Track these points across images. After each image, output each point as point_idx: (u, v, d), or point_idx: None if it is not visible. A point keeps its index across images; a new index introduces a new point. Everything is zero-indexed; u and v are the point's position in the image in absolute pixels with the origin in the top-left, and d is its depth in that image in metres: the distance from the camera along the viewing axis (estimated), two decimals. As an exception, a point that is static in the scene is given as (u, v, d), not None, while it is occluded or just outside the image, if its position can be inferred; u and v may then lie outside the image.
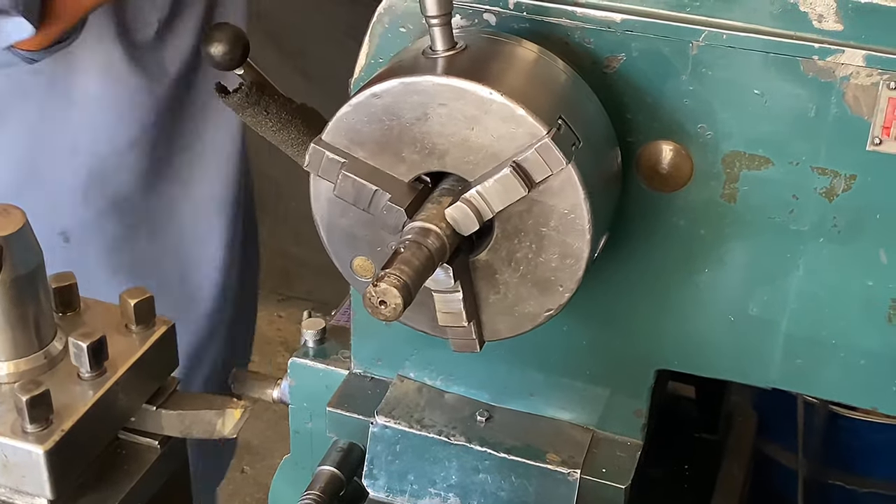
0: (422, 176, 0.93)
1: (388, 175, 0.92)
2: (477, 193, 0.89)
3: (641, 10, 0.96)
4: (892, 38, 0.91)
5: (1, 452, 0.66)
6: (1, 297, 0.67)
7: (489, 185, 0.88)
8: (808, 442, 1.92)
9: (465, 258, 0.94)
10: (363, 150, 0.92)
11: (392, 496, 1.16)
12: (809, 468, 1.94)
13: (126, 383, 0.70)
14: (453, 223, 0.89)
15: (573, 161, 0.88)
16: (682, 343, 1.09)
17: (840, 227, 0.98)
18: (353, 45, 1.06)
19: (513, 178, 0.87)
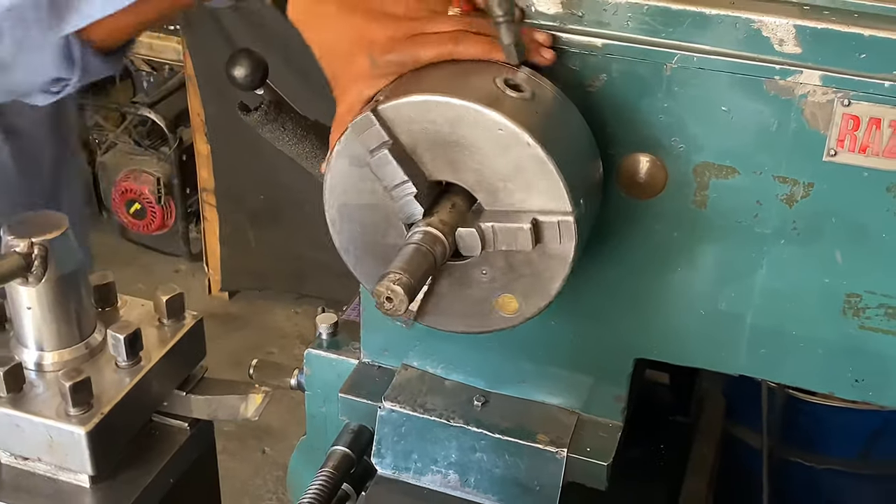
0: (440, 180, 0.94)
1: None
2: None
3: (621, 35, 0.97)
4: (846, 60, 0.92)
5: (47, 433, 0.67)
6: (45, 294, 0.68)
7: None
8: (771, 424, 1.92)
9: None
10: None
11: (398, 473, 1.16)
12: (772, 448, 1.94)
13: (159, 371, 0.71)
14: (460, 241, 0.91)
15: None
16: (657, 335, 1.09)
17: (799, 229, 0.99)
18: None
19: (527, 233, 0.89)
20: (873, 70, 0.92)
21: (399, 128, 0.91)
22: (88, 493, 0.70)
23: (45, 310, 0.69)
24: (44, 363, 0.69)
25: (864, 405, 1.87)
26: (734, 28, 0.94)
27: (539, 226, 0.90)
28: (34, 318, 0.68)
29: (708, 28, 0.95)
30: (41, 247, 0.66)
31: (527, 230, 0.89)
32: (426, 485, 1.16)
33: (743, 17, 0.94)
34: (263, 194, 3.41)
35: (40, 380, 0.69)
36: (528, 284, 0.94)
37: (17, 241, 0.66)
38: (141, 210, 3.85)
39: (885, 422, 1.97)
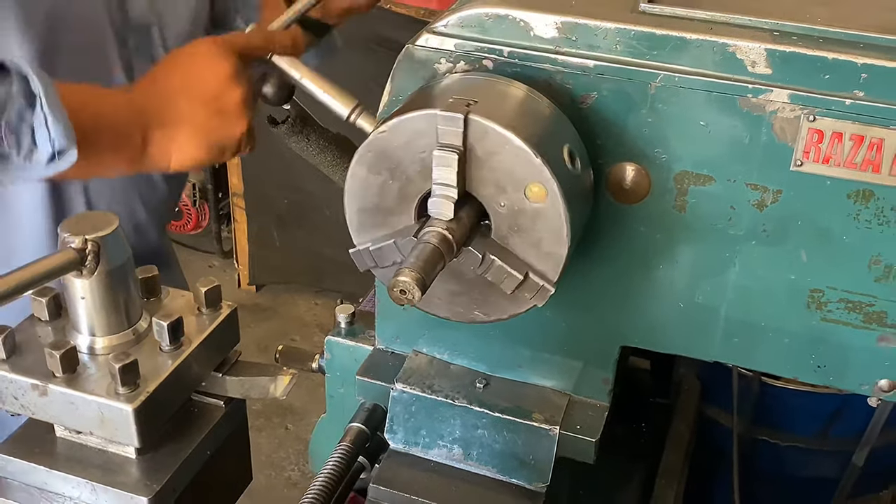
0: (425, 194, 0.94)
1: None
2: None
3: (610, 57, 0.97)
4: (811, 81, 0.92)
5: (98, 410, 0.67)
6: (97, 286, 0.68)
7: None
8: (741, 405, 1.93)
9: (485, 238, 0.94)
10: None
11: (408, 447, 1.16)
12: (742, 427, 1.95)
13: (198, 355, 0.71)
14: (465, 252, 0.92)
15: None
16: (641, 325, 1.09)
17: (769, 231, 0.99)
18: (376, 87, 1.07)
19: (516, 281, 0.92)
20: (836, 89, 0.92)
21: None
22: (135, 463, 0.70)
23: (96, 299, 0.69)
24: (95, 347, 0.69)
25: (824, 389, 1.86)
26: (711, 51, 0.94)
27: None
28: (87, 307, 0.68)
29: (688, 51, 0.95)
30: (94, 243, 0.66)
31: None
32: (433, 458, 1.16)
33: (719, 41, 0.94)
34: (287, 199, 3.42)
35: (92, 362, 0.69)
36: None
37: (73, 238, 0.66)
38: (178, 212, 3.85)
39: (842, 404, 1.96)
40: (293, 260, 3.61)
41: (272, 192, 3.47)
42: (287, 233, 3.55)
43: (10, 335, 0.68)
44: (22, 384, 0.67)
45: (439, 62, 1.02)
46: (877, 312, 1.00)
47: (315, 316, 3.70)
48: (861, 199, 0.95)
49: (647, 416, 1.52)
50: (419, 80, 1.03)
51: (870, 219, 0.96)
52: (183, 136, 1.09)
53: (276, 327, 3.60)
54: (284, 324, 3.65)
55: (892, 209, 0.94)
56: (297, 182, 3.26)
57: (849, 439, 2.02)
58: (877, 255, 0.97)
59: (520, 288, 0.92)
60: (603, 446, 1.11)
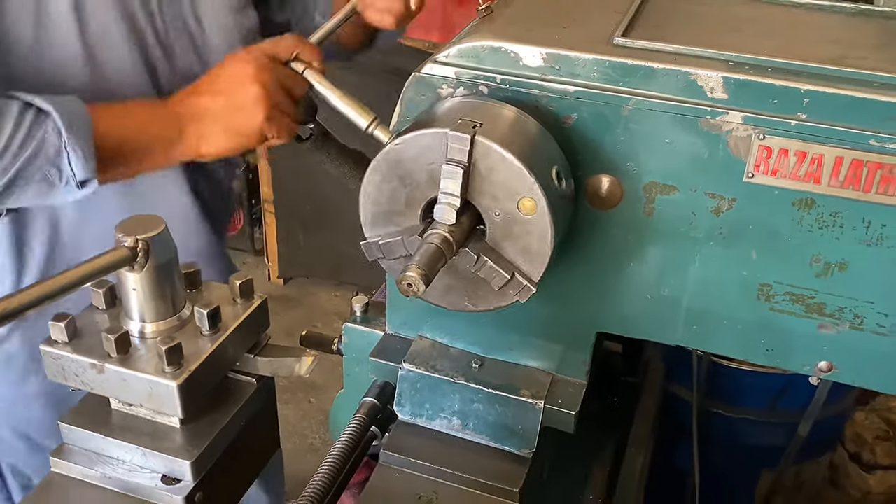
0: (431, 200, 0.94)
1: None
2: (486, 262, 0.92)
3: (588, 83, 0.97)
4: (762, 104, 0.92)
5: (147, 385, 0.67)
6: (147, 279, 0.68)
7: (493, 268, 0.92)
8: (700, 383, 1.93)
9: (482, 241, 0.94)
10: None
11: (414, 419, 1.16)
12: (700, 402, 1.94)
13: (233, 339, 0.71)
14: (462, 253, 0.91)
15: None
16: (614, 314, 1.09)
17: (724, 234, 0.99)
18: (388, 108, 1.07)
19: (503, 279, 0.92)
20: (783, 112, 0.92)
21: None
22: (178, 431, 0.70)
23: (146, 291, 0.69)
24: (145, 332, 0.69)
25: (771, 369, 1.87)
26: (676, 79, 0.94)
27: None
28: (138, 298, 0.68)
29: (655, 79, 0.95)
30: (144, 242, 0.66)
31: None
32: (436, 428, 1.15)
33: (682, 70, 0.94)
34: (310, 205, 3.42)
35: (142, 345, 0.68)
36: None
37: (126, 238, 0.66)
38: (218, 217, 3.86)
39: (787, 382, 1.96)
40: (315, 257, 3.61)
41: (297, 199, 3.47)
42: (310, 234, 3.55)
43: (72, 321, 0.68)
44: (82, 363, 0.67)
45: (441, 87, 1.02)
46: (817, 304, 1.00)
47: (334, 305, 3.70)
48: (804, 206, 0.95)
49: (619, 392, 1.51)
50: (425, 102, 1.03)
51: (811, 223, 0.96)
52: (208, 128, 1.12)
53: (301, 315, 3.60)
54: (308, 312, 3.65)
55: (831, 215, 0.94)
56: (318, 190, 3.26)
57: (793, 412, 2.02)
58: (817, 254, 0.97)
59: (506, 286, 0.93)
60: (581, 418, 1.11)
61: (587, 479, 1.35)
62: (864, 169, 0.91)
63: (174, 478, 0.69)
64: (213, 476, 0.70)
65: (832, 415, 2.07)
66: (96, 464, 0.70)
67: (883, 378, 1.03)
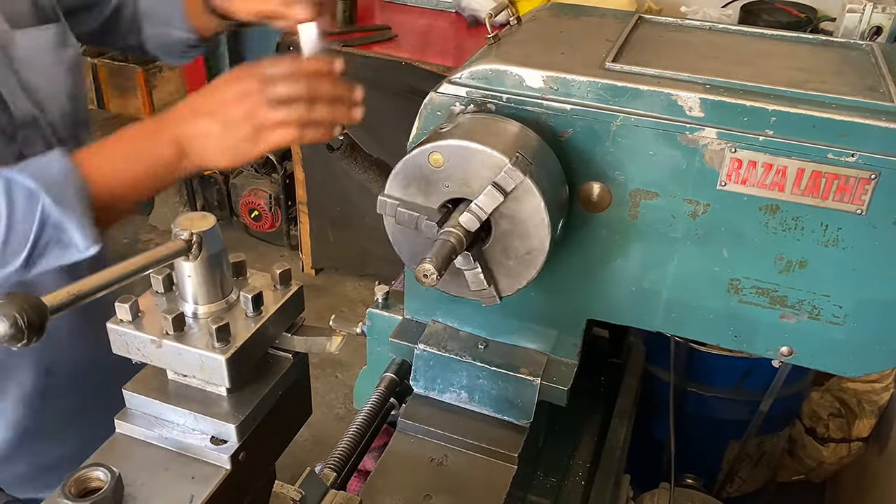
0: (447, 202, 0.94)
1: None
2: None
3: (582, 102, 0.97)
4: (734, 122, 0.92)
5: (199, 359, 0.67)
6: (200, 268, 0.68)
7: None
8: (676, 365, 1.92)
9: (480, 248, 0.94)
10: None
11: (427, 392, 1.16)
12: (677, 381, 1.94)
13: (273, 320, 0.71)
14: (464, 226, 0.90)
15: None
16: (602, 304, 1.09)
17: (699, 235, 0.99)
18: (407, 124, 1.07)
19: (494, 191, 0.88)
20: (752, 129, 0.92)
21: (405, 186, 0.93)
22: (226, 399, 0.70)
23: (199, 278, 0.69)
24: (198, 313, 0.69)
25: (738, 353, 1.87)
26: (659, 99, 0.94)
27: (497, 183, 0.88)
28: (192, 283, 0.69)
29: (641, 99, 0.95)
30: (198, 235, 0.66)
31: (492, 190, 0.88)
32: (446, 400, 1.16)
33: (665, 91, 0.94)
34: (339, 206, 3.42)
35: (195, 324, 0.69)
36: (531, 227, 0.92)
37: (182, 231, 0.66)
38: (258, 216, 3.87)
39: (752, 364, 1.96)
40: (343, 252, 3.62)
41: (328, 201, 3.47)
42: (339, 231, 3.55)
43: (135, 303, 0.68)
44: (143, 339, 0.67)
45: (454, 105, 1.02)
46: (780, 296, 1.00)
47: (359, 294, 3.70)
48: (769, 211, 0.94)
49: (606, 372, 1.51)
50: (440, 117, 1.03)
51: (776, 226, 0.95)
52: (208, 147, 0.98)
53: (330, 302, 3.60)
54: (336, 299, 3.65)
55: (793, 219, 0.94)
56: (346, 194, 3.27)
57: (757, 391, 2.01)
58: (780, 253, 0.97)
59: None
60: (572, 394, 1.11)
61: (576, 446, 1.35)
62: (823, 179, 0.90)
63: (221, 439, 0.69)
64: (254, 438, 0.71)
65: (791, 394, 2.07)
66: (154, 426, 0.71)
67: (836, 362, 1.03)
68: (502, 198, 0.88)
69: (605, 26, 1.22)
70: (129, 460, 0.69)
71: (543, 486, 1.26)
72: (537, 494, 1.24)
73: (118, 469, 0.65)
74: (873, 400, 2.26)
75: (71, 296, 0.56)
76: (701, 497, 1.66)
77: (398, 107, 2.78)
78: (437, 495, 1.03)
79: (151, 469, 0.68)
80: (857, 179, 0.89)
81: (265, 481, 0.78)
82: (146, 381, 0.71)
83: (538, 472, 1.28)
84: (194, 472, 0.68)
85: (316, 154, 3.17)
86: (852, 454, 2.33)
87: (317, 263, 3.77)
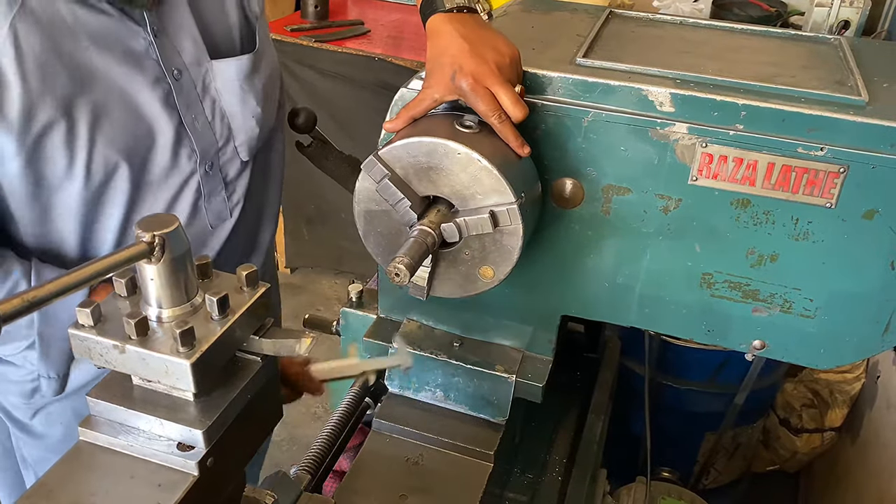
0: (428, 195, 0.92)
1: (411, 189, 0.91)
2: (463, 221, 0.89)
3: (554, 98, 0.97)
4: (704, 117, 0.92)
5: (164, 364, 0.66)
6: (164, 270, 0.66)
7: (471, 220, 0.89)
8: (652, 359, 1.93)
9: (439, 250, 0.94)
10: (398, 169, 0.91)
11: (402, 391, 1.16)
12: (652, 374, 1.95)
13: (240, 322, 0.70)
14: (444, 233, 0.90)
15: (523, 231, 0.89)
16: (576, 299, 1.09)
17: (672, 229, 0.99)
18: (380, 120, 1.05)
19: (488, 220, 0.88)
20: (722, 123, 0.92)
21: (394, 163, 0.90)
22: (192, 404, 0.68)
23: (163, 281, 0.67)
24: (162, 317, 0.68)
25: (712, 347, 1.88)
26: (630, 94, 0.94)
27: (495, 214, 0.89)
28: (155, 286, 0.67)
29: (612, 94, 0.95)
30: (160, 237, 0.64)
31: (486, 218, 0.88)
32: (421, 399, 1.15)
33: (635, 86, 0.94)
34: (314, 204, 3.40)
35: (159, 328, 0.67)
36: (498, 256, 0.93)
37: (144, 234, 0.64)
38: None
39: (726, 357, 1.98)
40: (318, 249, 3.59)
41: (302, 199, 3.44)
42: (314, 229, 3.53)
43: (97, 307, 0.66)
44: (106, 344, 0.66)
45: (425, 101, 1.00)
46: (752, 290, 1.00)
47: (335, 292, 3.68)
48: (741, 205, 0.95)
49: (582, 367, 1.52)
50: (410, 114, 1.01)
51: (747, 220, 0.96)
52: None
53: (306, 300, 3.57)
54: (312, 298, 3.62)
55: (764, 213, 0.95)
56: (321, 192, 3.25)
57: (731, 384, 2.03)
58: (752, 247, 0.97)
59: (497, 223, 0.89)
60: (548, 390, 1.11)
61: (553, 441, 1.35)
62: (793, 173, 0.91)
63: (189, 445, 0.68)
64: (223, 443, 0.69)
65: (764, 386, 2.09)
66: (119, 433, 0.69)
67: (808, 354, 1.04)
68: (491, 229, 0.89)
69: (576, 21, 1.21)
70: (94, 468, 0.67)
71: (521, 482, 1.26)
72: (514, 491, 1.24)
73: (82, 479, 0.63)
74: (845, 390, 2.30)
75: (26, 302, 0.54)
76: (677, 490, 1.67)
77: (371, 102, 2.76)
78: (413, 495, 1.03)
79: (117, 477, 0.67)
80: (827, 173, 0.90)
81: (235, 486, 0.77)
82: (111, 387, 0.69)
83: (515, 468, 1.28)
84: (161, 480, 0.66)
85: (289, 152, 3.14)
86: (825, 444, 2.36)
87: (292, 262, 3.74)
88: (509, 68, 0.92)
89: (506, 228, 0.90)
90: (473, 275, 0.95)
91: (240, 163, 1.20)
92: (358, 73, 2.80)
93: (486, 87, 0.90)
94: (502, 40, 0.95)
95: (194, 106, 1.07)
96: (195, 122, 1.09)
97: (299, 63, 2.84)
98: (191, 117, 1.07)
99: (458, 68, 0.91)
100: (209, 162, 1.13)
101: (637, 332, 1.83)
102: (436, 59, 0.94)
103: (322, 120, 1.31)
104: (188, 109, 1.07)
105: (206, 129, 1.10)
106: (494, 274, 0.94)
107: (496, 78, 0.90)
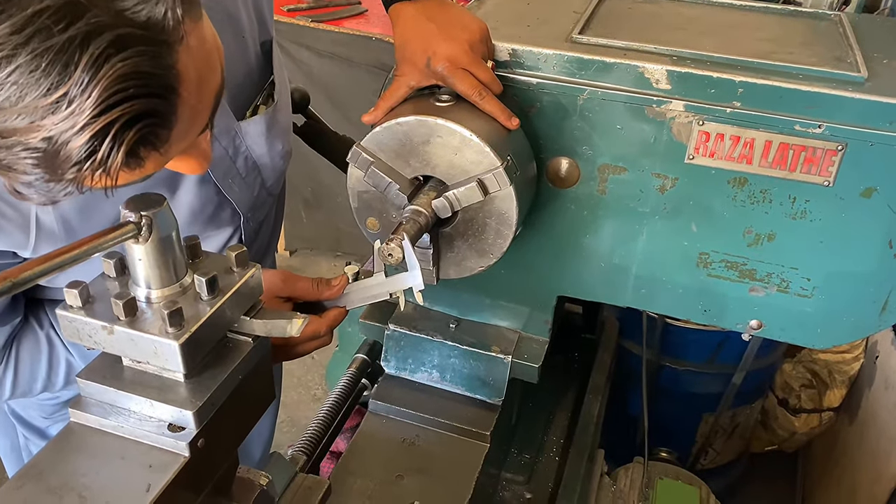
0: (418, 176, 0.92)
1: (397, 173, 0.91)
2: (452, 194, 0.88)
3: (549, 76, 0.96)
4: (701, 94, 0.91)
5: (153, 345, 0.65)
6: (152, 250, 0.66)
7: (461, 191, 0.88)
8: (649, 339, 1.93)
9: (438, 231, 0.94)
10: (384, 154, 0.90)
11: (399, 372, 1.16)
12: (649, 355, 1.95)
13: (230, 303, 0.69)
14: (436, 209, 0.89)
15: (516, 194, 0.88)
16: (572, 280, 1.08)
17: (668, 209, 0.98)
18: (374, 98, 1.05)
19: (476, 188, 0.87)
20: (719, 101, 0.91)
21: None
22: (183, 385, 0.68)
23: (151, 261, 0.66)
24: (151, 297, 0.67)
25: (709, 327, 1.88)
26: (626, 72, 0.93)
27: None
28: (143, 267, 0.66)
29: (608, 72, 0.94)
30: (147, 217, 0.64)
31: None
32: (417, 380, 1.15)
33: (632, 64, 0.93)
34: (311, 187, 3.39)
35: (148, 308, 0.66)
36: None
37: (131, 214, 0.64)
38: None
39: (724, 338, 1.98)
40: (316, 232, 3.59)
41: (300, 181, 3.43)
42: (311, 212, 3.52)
43: (85, 288, 0.66)
44: (94, 325, 0.65)
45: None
46: (749, 270, 1.00)
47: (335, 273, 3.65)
48: (738, 184, 0.94)
49: (579, 347, 1.52)
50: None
51: (744, 199, 0.95)
52: None
53: (305, 283, 3.59)
54: (311, 280, 3.64)
55: (761, 192, 0.94)
56: (317, 174, 3.24)
57: (729, 365, 2.03)
58: (749, 226, 0.97)
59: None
60: (545, 370, 1.11)
61: (550, 422, 1.36)
62: (790, 151, 0.90)
63: (179, 426, 0.67)
64: (214, 424, 0.69)
65: (762, 366, 2.09)
66: (110, 414, 0.69)
67: (805, 334, 1.03)
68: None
69: (573, -2, 1.20)
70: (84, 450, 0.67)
71: (518, 462, 1.26)
72: (511, 471, 1.24)
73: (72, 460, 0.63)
74: (844, 370, 2.30)
75: (8, 282, 0.53)
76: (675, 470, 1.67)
77: (368, 82, 2.74)
78: (409, 475, 1.03)
79: (107, 458, 0.66)
80: (825, 151, 0.89)
81: (227, 467, 0.77)
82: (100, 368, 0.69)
83: (512, 449, 1.28)
84: (151, 461, 0.66)
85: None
86: (823, 424, 2.37)
87: (290, 244, 3.74)
88: (480, 44, 0.92)
89: (497, 195, 0.88)
90: (476, 251, 0.94)
91: (271, 200, 1.19)
92: (355, 53, 2.78)
93: (463, 67, 0.90)
94: (469, 16, 0.94)
95: (229, 172, 1.06)
96: (232, 186, 1.07)
97: (296, 43, 2.81)
98: (227, 183, 1.06)
99: (433, 54, 0.90)
100: (248, 213, 1.12)
101: (635, 313, 1.84)
102: (406, 46, 0.93)
103: (319, 101, 1.31)
104: (224, 177, 1.05)
105: (242, 188, 1.09)
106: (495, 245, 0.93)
107: (470, 57, 0.90)
